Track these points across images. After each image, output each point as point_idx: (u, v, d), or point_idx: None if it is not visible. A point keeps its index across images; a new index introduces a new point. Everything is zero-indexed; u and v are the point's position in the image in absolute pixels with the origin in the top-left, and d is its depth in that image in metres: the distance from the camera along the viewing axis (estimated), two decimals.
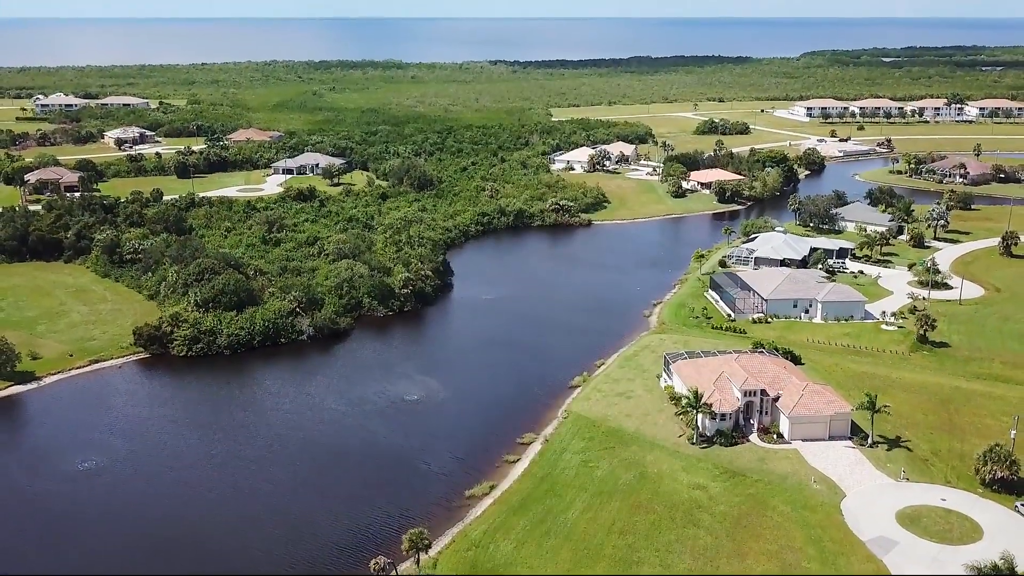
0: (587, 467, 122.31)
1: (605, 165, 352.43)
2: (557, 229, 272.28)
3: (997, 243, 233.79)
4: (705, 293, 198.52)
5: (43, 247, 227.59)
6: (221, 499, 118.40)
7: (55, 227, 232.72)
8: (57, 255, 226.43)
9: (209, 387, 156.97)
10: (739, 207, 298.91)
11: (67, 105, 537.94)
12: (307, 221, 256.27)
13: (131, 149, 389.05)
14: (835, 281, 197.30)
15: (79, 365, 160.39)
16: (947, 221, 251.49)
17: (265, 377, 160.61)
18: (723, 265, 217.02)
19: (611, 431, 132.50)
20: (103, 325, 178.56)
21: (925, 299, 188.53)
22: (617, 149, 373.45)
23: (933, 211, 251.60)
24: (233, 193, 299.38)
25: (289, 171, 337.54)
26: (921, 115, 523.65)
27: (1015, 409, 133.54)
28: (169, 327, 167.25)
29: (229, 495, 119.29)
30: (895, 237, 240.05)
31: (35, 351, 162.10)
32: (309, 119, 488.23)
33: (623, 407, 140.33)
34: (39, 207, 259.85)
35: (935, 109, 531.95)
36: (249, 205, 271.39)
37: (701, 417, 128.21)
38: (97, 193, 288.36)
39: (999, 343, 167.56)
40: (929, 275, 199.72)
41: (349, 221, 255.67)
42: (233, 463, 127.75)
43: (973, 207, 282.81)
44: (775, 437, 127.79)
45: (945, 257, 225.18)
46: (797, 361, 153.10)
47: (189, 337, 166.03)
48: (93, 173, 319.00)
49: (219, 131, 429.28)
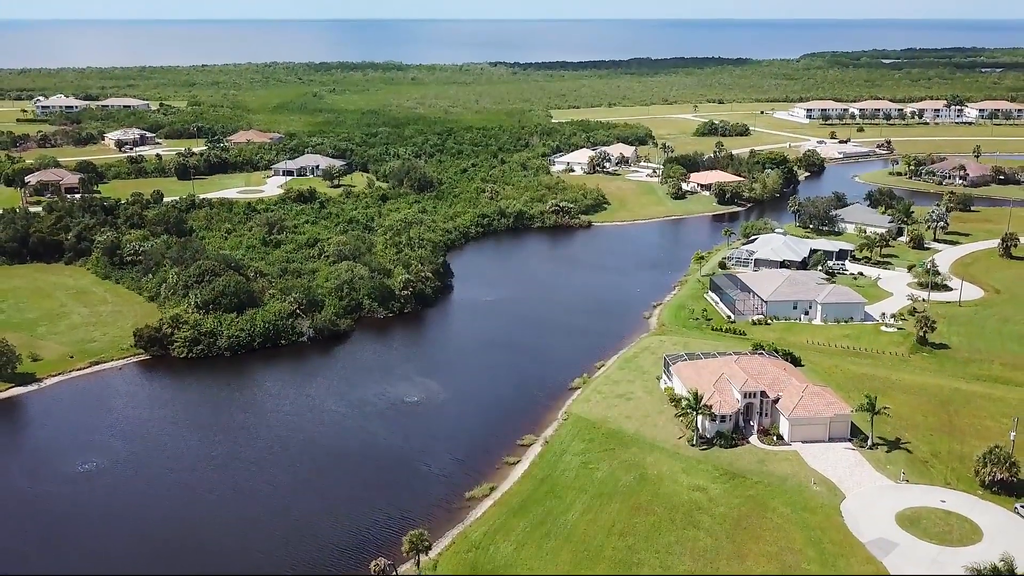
0: (587, 469, 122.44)
1: (605, 167, 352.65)
2: (557, 231, 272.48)
3: (997, 245, 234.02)
4: (705, 295, 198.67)
5: (44, 249, 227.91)
6: (221, 500, 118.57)
7: (56, 229, 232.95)
8: (58, 257, 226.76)
9: (209, 389, 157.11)
10: (739, 209, 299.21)
11: (68, 107, 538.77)
12: (307, 223, 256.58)
13: (131, 151, 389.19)
14: (835, 283, 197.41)
15: (79, 367, 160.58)
16: (947, 223, 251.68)
17: (265, 379, 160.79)
18: (723, 267, 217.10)
19: (611, 433, 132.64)
20: (103, 327, 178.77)
21: (925, 301, 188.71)
22: (617, 151, 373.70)
23: (933, 213, 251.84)
24: (233, 195, 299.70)
25: (289, 173, 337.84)
26: (921, 117, 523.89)
27: (1015, 411, 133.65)
28: (169, 329, 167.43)
29: (229, 496, 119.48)
30: (895, 239, 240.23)
31: (35, 353, 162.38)
32: (309, 121, 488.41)
33: (623, 409, 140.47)
34: (40, 209, 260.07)
35: (935, 111, 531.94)
36: (249, 207, 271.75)
37: (701, 419, 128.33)
38: (97, 195, 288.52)
39: (999, 345, 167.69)
40: (929, 277, 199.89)
41: (349, 223, 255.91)
42: (233, 464, 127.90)
43: (973, 209, 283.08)
44: (775, 439, 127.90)
45: (945, 259, 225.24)
46: (797, 363, 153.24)
47: (189, 339, 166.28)
48: (93, 175, 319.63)
49: (219, 133, 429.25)
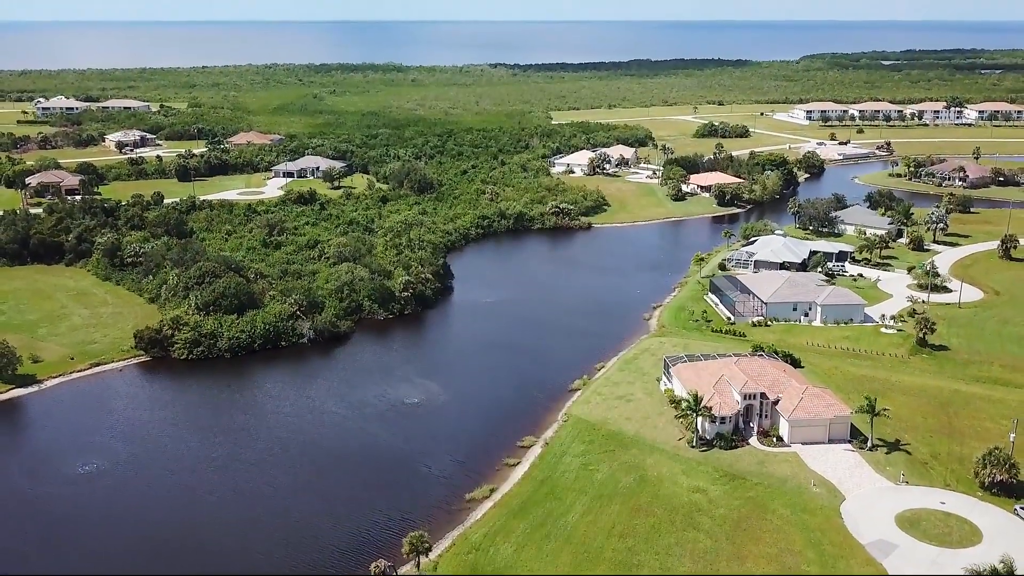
0: (587, 470, 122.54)
1: (605, 168, 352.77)
2: (557, 232, 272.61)
3: (996, 246, 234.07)
4: (705, 296, 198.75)
5: (44, 250, 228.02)
6: (222, 502, 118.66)
7: (56, 230, 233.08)
8: (58, 258, 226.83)
9: (210, 390, 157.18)
10: (739, 210, 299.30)
11: (68, 108, 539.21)
12: (307, 224, 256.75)
13: (132, 152, 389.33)
14: (835, 284, 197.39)
15: (80, 368, 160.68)
16: (946, 224, 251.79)
17: (265, 380, 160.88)
18: (723, 268, 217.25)
19: (611, 434, 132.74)
20: (104, 328, 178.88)
21: (924, 302, 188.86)
22: (617, 152, 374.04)
23: (932, 214, 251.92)
24: (234, 196, 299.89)
25: (289, 174, 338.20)
26: (920, 118, 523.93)
27: (1014, 412, 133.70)
28: (170, 330, 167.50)
29: (230, 498, 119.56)
30: (894, 240, 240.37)
31: (36, 354, 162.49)
32: (309, 122, 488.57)
33: (623, 410, 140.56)
34: (40, 210, 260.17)
35: (934, 112, 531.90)
36: (250, 208, 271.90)
37: (701, 420, 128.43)
38: (98, 196, 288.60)
39: (998, 346, 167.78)
40: (928, 278, 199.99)
41: (349, 224, 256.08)
42: (234, 466, 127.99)
43: (972, 210, 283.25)
44: (775, 440, 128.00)
45: (944, 260, 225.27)
46: (797, 364, 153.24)
47: (190, 340, 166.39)
48: (94, 176, 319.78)
49: (220, 134, 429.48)
